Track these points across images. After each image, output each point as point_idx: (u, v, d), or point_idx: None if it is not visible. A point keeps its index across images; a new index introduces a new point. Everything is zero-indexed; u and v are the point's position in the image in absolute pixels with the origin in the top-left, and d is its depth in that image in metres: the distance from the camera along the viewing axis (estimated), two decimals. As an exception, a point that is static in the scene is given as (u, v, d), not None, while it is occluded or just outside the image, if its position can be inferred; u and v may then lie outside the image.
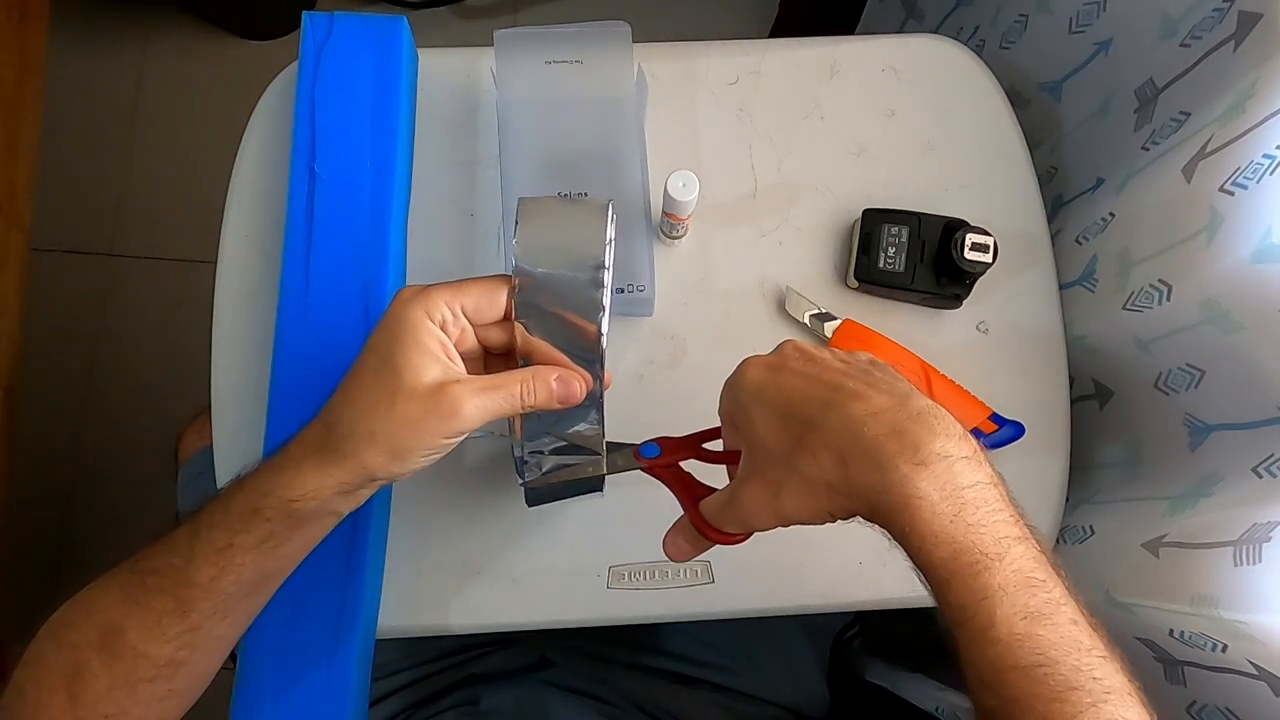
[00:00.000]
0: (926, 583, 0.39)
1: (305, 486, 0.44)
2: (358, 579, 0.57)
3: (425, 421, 0.43)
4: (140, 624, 0.45)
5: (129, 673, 0.45)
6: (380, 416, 0.43)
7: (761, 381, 0.44)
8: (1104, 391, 0.69)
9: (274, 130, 0.67)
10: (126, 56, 1.44)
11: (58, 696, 0.44)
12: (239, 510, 0.45)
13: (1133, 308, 0.60)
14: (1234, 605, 0.48)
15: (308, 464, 0.44)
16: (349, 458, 0.44)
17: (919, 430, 0.38)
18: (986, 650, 0.37)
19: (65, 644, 0.46)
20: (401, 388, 0.43)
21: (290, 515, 0.44)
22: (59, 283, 1.37)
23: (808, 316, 0.66)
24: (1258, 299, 0.51)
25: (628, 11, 0.74)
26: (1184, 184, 0.56)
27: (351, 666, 0.56)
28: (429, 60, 0.70)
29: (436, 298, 0.44)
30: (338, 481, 0.44)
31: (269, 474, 0.45)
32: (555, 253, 0.45)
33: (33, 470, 1.30)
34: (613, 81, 0.65)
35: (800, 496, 0.41)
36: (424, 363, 0.43)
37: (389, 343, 0.44)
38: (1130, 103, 0.67)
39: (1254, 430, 0.54)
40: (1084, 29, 0.70)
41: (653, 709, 0.70)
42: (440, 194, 0.68)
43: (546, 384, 0.46)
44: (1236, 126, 0.52)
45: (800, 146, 0.70)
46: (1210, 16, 0.58)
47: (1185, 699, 0.57)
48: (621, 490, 0.64)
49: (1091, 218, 0.68)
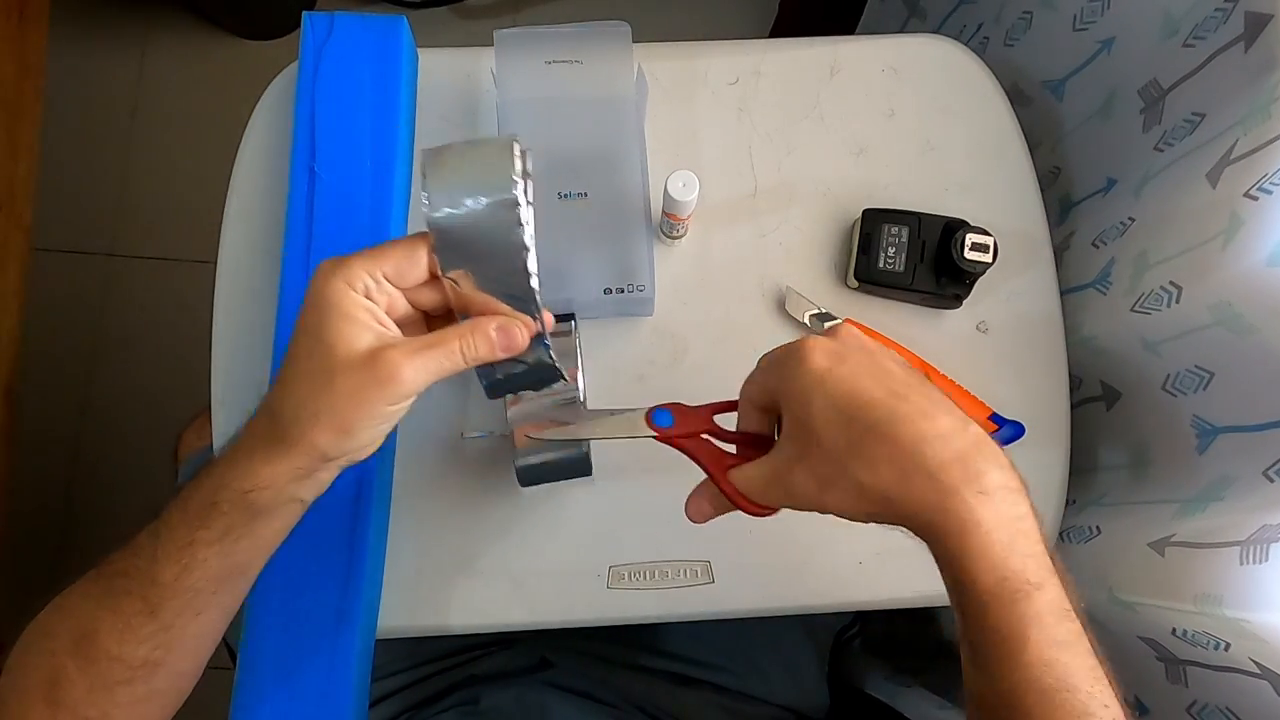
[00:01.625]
0: (961, 603, 0.40)
1: (258, 477, 0.44)
2: (357, 577, 0.57)
3: (365, 391, 0.42)
4: (112, 627, 0.45)
5: (105, 676, 0.45)
6: (320, 395, 0.42)
7: (824, 369, 0.43)
8: (1111, 393, 0.69)
9: (274, 130, 0.67)
10: (126, 56, 1.44)
11: (37, 704, 0.45)
12: (196, 506, 0.45)
13: (1141, 309, 0.60)
14: (1238, 603, 0.48)
15: (258, 454, 0.44)
16: (297, 442, 0.43)
17: (981, 460, 0.40)
18: (1015, 672, 0.38)
19: (42, 651, 0.46)
20: (336, 362, 0.42)
21: (247, 507, 0.44)
22: (59, 283, 1.37)
23: (808, 316, 0.66)
24: (1273, 301, 0.51)
25: (628, 11, 0.74)
26: (1209, 190, 0.56)
27: (351, 665, 0.56)
28: (429, 60, 0.70)
29: (355, 266, 0.43)
30: (290, 467, 0.44)
31: (223, 468, 0.45)
32: (465, 197, 0.43)
33: (33, 470, 1.30)
34: (613, 82, 0.65)
35: (850, 498, 0.41)
36: (354, 333, 0.42)
37: (316, 320, 0.43)
38: (1135, 103, 0.66)
39: (1264, 433, 0.54)
40: (1087, 26, 0.70)
41: (653, 710, 0.70)
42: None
43: (486, 335, 0.44)
44: (1264, 133, 0.52)
45: (800, 146, 0.70)
46: (1213, 16, 0.58)
47: (1186, 699, 0.57)
48: (622, 490, 0.64)
49: (1109, 221, 0.68)
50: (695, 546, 0.64)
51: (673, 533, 0.64)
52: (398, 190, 0.63)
